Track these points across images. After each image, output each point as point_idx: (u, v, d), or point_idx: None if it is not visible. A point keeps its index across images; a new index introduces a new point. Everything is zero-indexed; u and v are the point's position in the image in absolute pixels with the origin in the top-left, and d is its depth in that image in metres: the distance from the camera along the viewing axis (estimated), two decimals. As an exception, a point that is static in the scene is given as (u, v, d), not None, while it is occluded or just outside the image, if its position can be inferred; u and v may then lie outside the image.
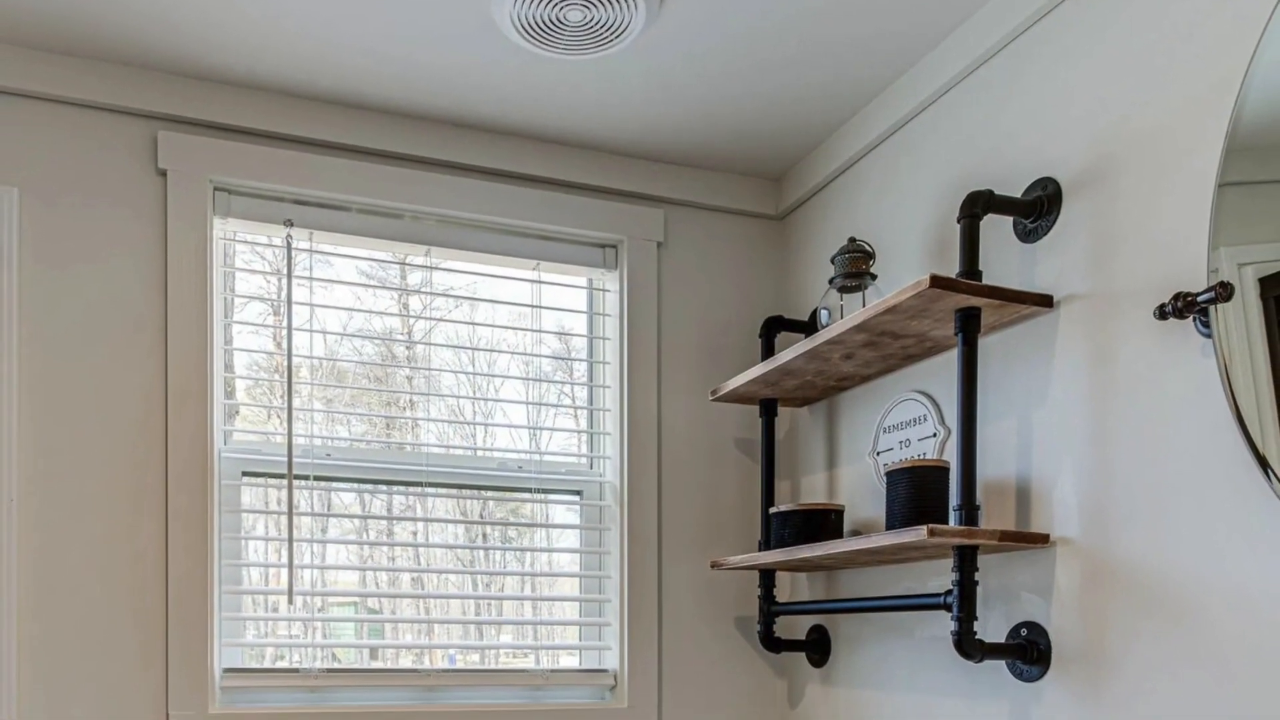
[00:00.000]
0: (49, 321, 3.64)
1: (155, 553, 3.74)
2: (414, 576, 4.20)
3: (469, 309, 4.28)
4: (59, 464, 3.64)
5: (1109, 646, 2.87)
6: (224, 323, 3.94)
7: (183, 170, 3.77)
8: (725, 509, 4.53)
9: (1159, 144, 2.76)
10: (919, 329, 3.34)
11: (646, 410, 4.38)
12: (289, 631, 4.03)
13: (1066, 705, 3.02)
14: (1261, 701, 2.44)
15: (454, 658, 4.27)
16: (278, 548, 3.98)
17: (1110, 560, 2.87)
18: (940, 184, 3.65)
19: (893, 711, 3.83)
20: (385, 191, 4.02)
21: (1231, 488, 2.51)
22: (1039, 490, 3.14)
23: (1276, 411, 2.32)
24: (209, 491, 3.80)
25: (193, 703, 3.74)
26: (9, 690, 3.52)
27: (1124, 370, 2.83)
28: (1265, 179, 2.35)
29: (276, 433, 3.99)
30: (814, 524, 3.78)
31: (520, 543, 4.34)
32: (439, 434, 4.22)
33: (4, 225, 3.56)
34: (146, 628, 3.72)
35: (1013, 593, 3.24)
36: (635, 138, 4.18)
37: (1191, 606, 2.62)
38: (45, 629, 3.61)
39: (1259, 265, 2.35)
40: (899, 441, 3.77)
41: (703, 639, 4.47)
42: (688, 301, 4.50)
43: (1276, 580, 2.41)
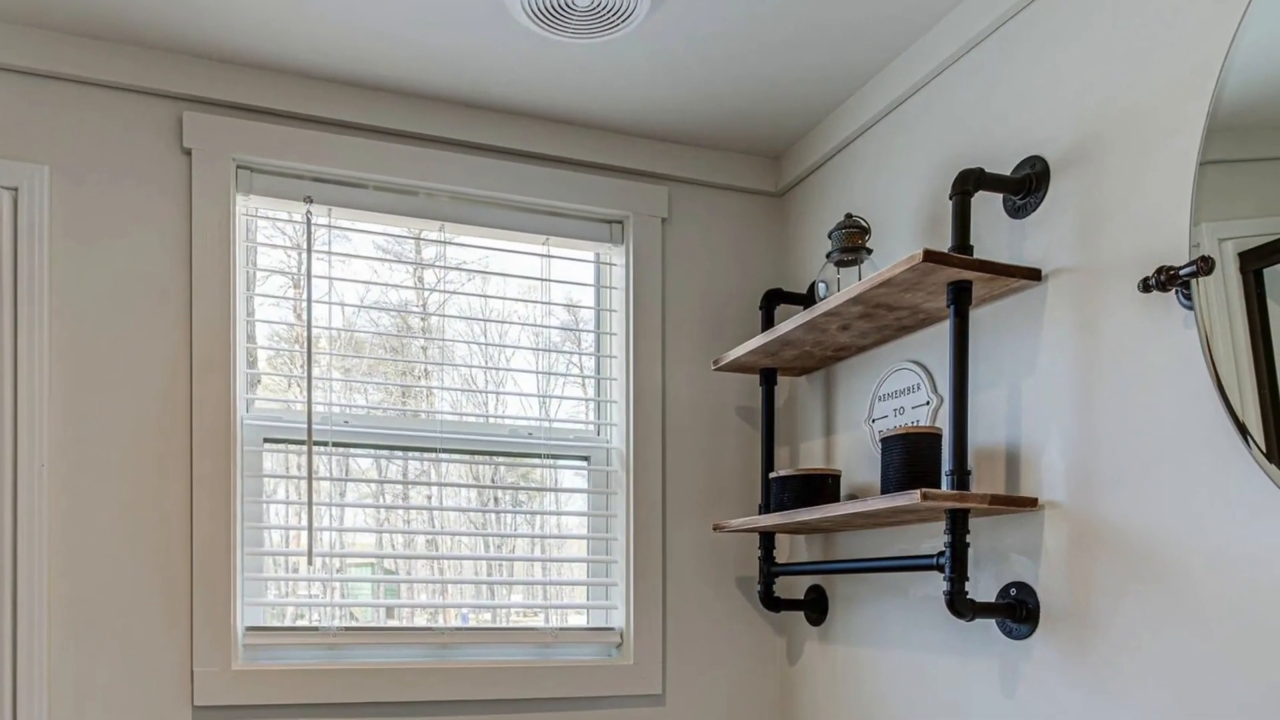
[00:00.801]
0: (78, 294, 3.65)
1: (180, 516, 3.75)
2: (428, 538, 4.21)
3: (481, 282, 4.28)
4: (88, 431, 3.65)
5: (1095, 605, 2.89)
6: (246, 295, 3.95)
7: (207, 149, 3.78)
8: (727, 474, 4.54)
9: (1143, 124, 2.76)
10: (913, 301, 3.35)
11: (651, 379, 4.39)
12: (309, 591, 4.04)
13: (1054, 662, 3.03)
14: (1239, 657, 2.45)
15: (466, 616, 4.28)
16: (298, 511, 3.98)
17: (1096, 523, 2.88)
18: (933, 162, 3.65)
19: (887, 668, 3.85)
20: (401, 169, 4.03)
21: (1212, 454, 2.52)
22: (1027, 456, 3.15)
23: (1255, 380, 2.32)
24: (232, 457, 3.81)
25: (216, 659, 3.76)
26: (40, 647, 3.54)
27: (1109, 341, 2.84)
28: (1245, 157, 2.35)
29: (297, 401, 4.00)
30: (812, 488, 3.79)
31: (530, 506, 4.35)
32: (452, 402, 4.22)
33: (35, 202, 3.56)
34: (172, 587, 3.74)
35: (1002, 554, 3.25)
36: (640, 118, 4.18)
37: (1173, 567, 2.63)
38: (75, 588, 3.63)
39: (1239, 240, 2.36)
40: (893, 409, 3.78)
41: (705, 599, 4.49)
42: (691, 275, 4.51)
43: (1254, 542, 2.42)
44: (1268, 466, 2.31)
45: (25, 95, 3.60)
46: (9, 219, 3.54)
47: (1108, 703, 2.84)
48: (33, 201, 3.56)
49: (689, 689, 4.44)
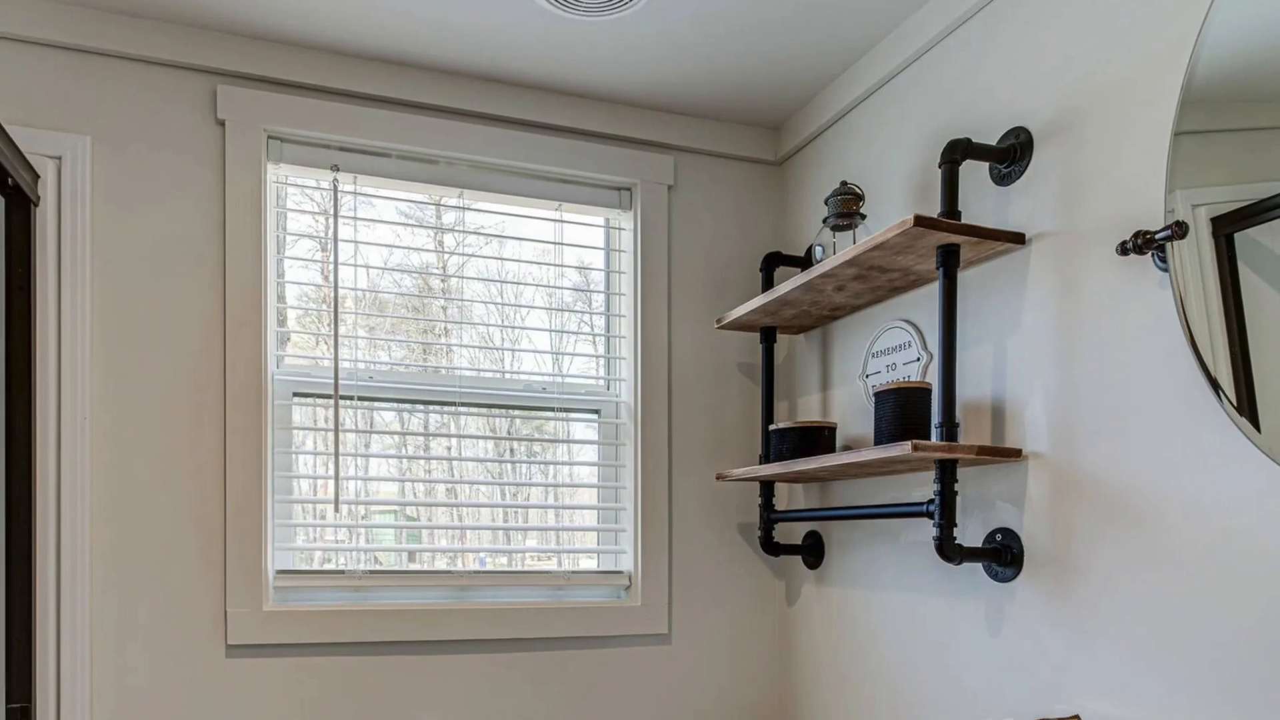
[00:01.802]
0: (118, 257, 3.67)
1: (215, 465, 3.78)
2: (448, 487, 4.22)
3: (498, 245, 4.28)
4: (128, 386, 3.68)
5: (1075, 550, 2.91)
6: (276, 258, 3.96)
7: (239, 120, 3.79)
8: (729, 426, 4.56)
9: (1121, 97, 2.77)
10: (904, 264, 3.37)
11: (658, 337, 4.40)
12: (335, 537, 4.06)
13: (1037, 603, 3.06)
14: (1211, 598, 2.48)
15: (484, 560, 4.29)
16: (325, 461, 4.00)
17: (1076, 472, 2.91)
18: (923, 133, 3.66)
19: (880, 609, 3.87)
20: (422, 139, 4.04)
21: (1186, 407, 2.55)
22: (1012, 409, 3.17)
23: (1226, 338, 2.34)
24: (263, 410, 3.83)
25: (248, 601, 3.80)
26: (83, 589, 3.57)
27: (1089, 301, 2.86)
28: (1217, 128, 2.36)
29: (324, 357, 4.01)
30: (809, 440, 3.81)
31: (544, 457, 4.36)
32: (470, 358, 4.23)
33: (78, 170, 3.58)
34: (207, 533, 3.77)
35: (989, 502, 3.27)
36: (648, 91, 4.19)
37: (1149, 514, 2.66)
38: (116, 534, 3.66)
39: (1211, 206, 2.37)
40: (886, 365, 3.79)
41: (709, 544, 4.52)
42: (695, 239, 4.52)
43: (1226, 490, 2.44)
44: (1238, 419, 2.33)
45: (68, 69, 3.62)
46: (53, 186, 3.56)
47: (1087, 641, 2.86)
48: (75, 170, 3.58)
49: (693, 628, 4.48)
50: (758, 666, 4.60)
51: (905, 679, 3.71)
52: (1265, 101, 2.25)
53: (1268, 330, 2.24)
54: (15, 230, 3.45)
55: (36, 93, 3.59)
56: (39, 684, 3.51)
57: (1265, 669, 2.35)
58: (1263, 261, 2.25)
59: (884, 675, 3.84)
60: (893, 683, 3.79)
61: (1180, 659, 2.57)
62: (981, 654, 3.31)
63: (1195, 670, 2.52)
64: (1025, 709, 3.11)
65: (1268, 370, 2.26)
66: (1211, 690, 2.48)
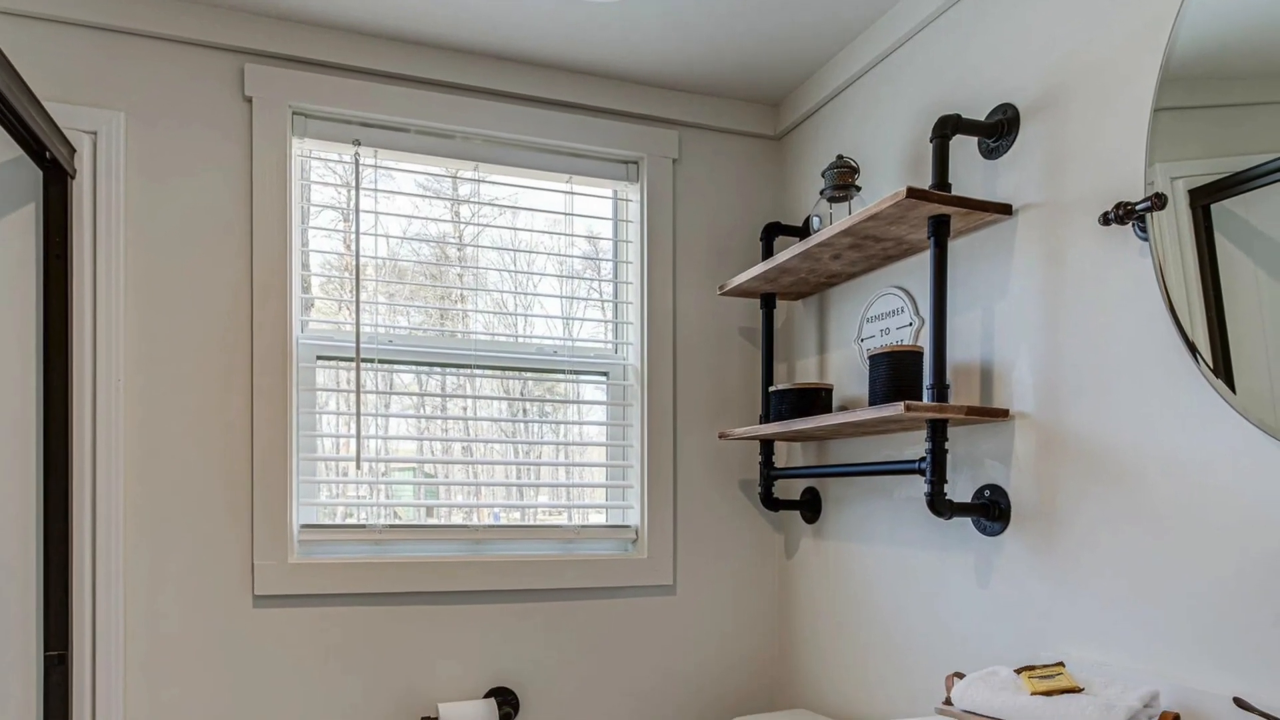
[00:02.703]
0: (150, 227, 3.69)
1: (242, 425, 3.81)
2: (464, 445, 4.23)
3: (511, 216, 4.29)
4: (160, 349, 3.70)
5: (1060, 505, 2.93)
6: (301, 228, 3.97)
7: (266, 97, 3.81)
8: (731, 388, 4.58)
9: (1103, 74, 2.78)
10: (897, 233, 3.38)
11: (663, 303, 4.42)
12: (356, 493, 4.07)
13: (1023, 556, 3.08)
14: (1188, 551, 2.51)
15: (498, 515, 4.31)
16: (347, 421, 4.01)
17: (1061, 431, 2.92)
18: (915, 109, 3.67)
19: (874, 561, 3.90)
20: (439, 115, 4.05)
21: (1164, 369, 2.56)
22: (1000, 371, 3.18)
23: (1203, 304, 2.35)
24: (288, 372, 3.86)
25: (274, 554, 3.83)
26: (116, 542, 3.60)
27: (1072, 269, 2.88)
28: (1194, 104, 2.37)
29: (346, 322, 4.02)
30: (807, 400, 3.83)
31: (555, 417, 4.37)
32: (485, 323, 4.24)
33: (112, 144, 3.59)
34: (235, 489, 3.80)
35: (977, 459, 3.29)
36: (653, 69, 4.19)
37: (1130, 471, 2.68)
38: (148, 490, 3.69)
39: (1189, 179, 2.38)
40: (880, 330, 3.80)
41: (711, 499, 4.54)
42: (699, 210, 4.53)
43: (1202, 449, 2.46)
44: (1214, 381, 2.35)
45: (103, 49, 3.63)
46: (89, 159, 3.57)
47: (1070, 592, 2.89)
48: (110, 144, 3.60)
49: (697, 580, 4.51)
50: (758, 616, 4.63)
51: (898, 627, 3.74)
52: (1239, 79, 2.26)
53: (1242, 296, 2.26)
54: (53, 202, 3.47)
55: (73, 71, 3.61)
56: (76, 632, 3.54)
57: (1239, 618, 2.37)
58: (1238, 231, 2.26)
59: (878, 624, 3.87)
60: (886, 631, 3.81)
61: (1158, 608, 2.59)
62: (970, 604, 3.34)
63: (1173, 619, 2.55)
64: (1012, 656, 3.14)
65: (1242, 334, 2.27)
66: (1188, 638, 2.50)
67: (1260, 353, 2.23)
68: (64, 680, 3.48)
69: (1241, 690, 2.36)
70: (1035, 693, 2.54)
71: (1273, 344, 2.19)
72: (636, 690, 4.41)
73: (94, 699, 3.57)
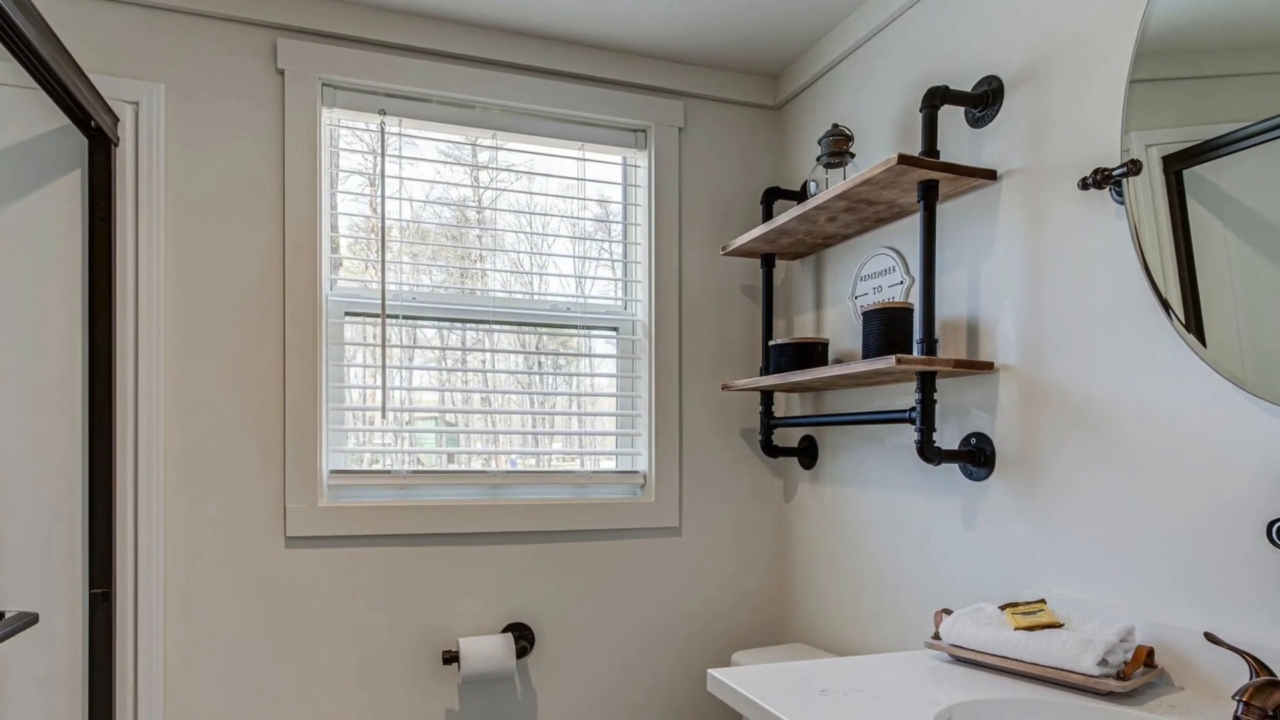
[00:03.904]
0: (189, 191, 3.71)
1: (275, 377, 3.83)
2: (483, 396, 4.24)
3: (527, 181, 4.30)
4: (197, 306, 3.72)
5: (1041, 452, 2.95)
6: (330, 192, 3.99)
7: (297, 70, 3.82)
8: (733, 342, 4.59)
9: (1082, 49, 2.80)
10: (889, 197, 3.39)
11: (670, 263, 4.43)
12: (382, 440, 4.09)
13: (1007, 499, 3.10)
14: (1161, 495, 2.53)
15: (515, 461, 4.33)
16: (373, 373, 4.03)
17: (1042, 383, 2.94)
18: (906, 81, 3.67)
19: (868, 505, 3.92)
20: (460, 86, 4.06)
21: (1139, 324, 2.58)
22: (985, 326, 3.20)
23: (1176, 263, 2.37)
24: (318, 328, 3.88)
25: (305, 497, 3.86)
26: (157, 487, 3.63)
27: (1053, 230, 2.89)
28: (1167, 76, 2.38)
29: (372, 281, 4.03)
30: (804, 354, 3.84)
31: (568, 369, 4.38)
32: (503, 282, 4.24)
33: (153, 114, 3.61)
34: (268, 437, 3.83)
35: (964, 409, 3.31)
36: (660, 43, 4.19)
37: (1107, 420, 2.70)
38: (187, 438, 3.72)
39: (1162, 146, 2.40)
40: (873, 288, 3.82)
41: (715, 447, 4.56)
42: (703, 175, 4.54)
43: (1175, 399, 2.48)
44: (1186, 335, 2.36)
45: (145, 24, 3.64)
46: (131, 128, 3.59)
47: (1051, 534, 2.91)
48: (151, 114, 3.61)
49: (701, 522, 4.54)
50: (759, 556, 4.66)
51: (890, 567, 3.76)
52: (1210, 53, 2.27)
53: (1213, 256, 2.27)
54: (98, 168, 3.49)
55: (117, 45, 3.62)
56: (119, 571, 3.57)
57: (1209, 558, 2.40)
58: (1208, 195, 2.27)
59: (871, 564, 3.90)
60: (879, 570, 3.84)
61: (1133, 549, 2.61)
62: (958, 545, 3.36)
63: (1147, 559, 2.57)
64: (997, 593, 3.16)
65: (1213, 292, 2.28)
66: (1163, 577, 2.53)
67: (1229, 309, 2.24)
68: (108, 616, 3.52)
69: (1211, 625, 2.39)
70: (1018, 628, 2.57)
71: (1241, 300, 2.20)
72: (644, 626, 4.45)
73: (136, 634, 3.61)
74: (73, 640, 3.52)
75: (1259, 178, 2.16)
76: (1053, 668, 2.41)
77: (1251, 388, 2.22)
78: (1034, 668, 2.45)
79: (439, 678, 4.10)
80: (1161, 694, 2.36)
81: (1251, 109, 2.18)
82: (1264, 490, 2.27)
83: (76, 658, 3.54)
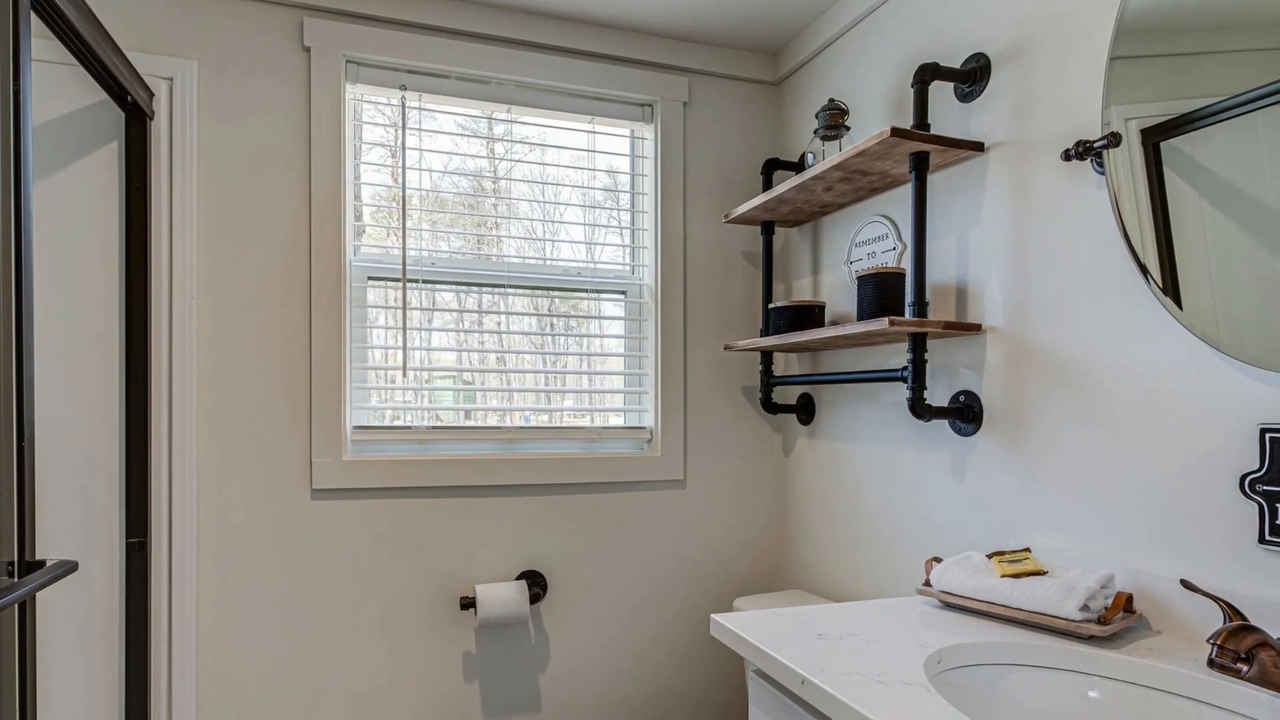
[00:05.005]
0: (220, 163, 3.73)
1: (301, 338, 3.86)
2: (498, 356, 4.25)
3: (540, 153, 4.30)
4: (228, 271, 3.74)
5: (1026, 409, 2.97)
6: (353, 164, 3.99)
7: (322, 47, 3.83)
8: (734, 305, 4.60)
9: (1065, 27, 2.81)
10: (882, 168, 3.41)
11: (675, 230, 4.45)
12: (403, 398, 4.10)
13: (994, 453, 3.12)
14: (1140, 450, 2.56)
15: (528, 418, 4.34)
16: (394, 334, 4.04)
17: (1027, 344, 2.96)
18: (898, 58, 3.68)
19: (862, 459, 3.94)
20: (477, 63, 4.07)
21: (1119, 288, 2.60)
22: (973, 290, 3.21)
23: (1154, 230, 2.39)
24: (342, 291, 3.90)
25: (330, 452, 3.89)
26: (190, 442, 3.66)
27: (1038, 199, 2.91)
28: (1145, 54, 2.39)
29: (393, 247, 4.05)
30: (802, 316, 3.86)
31: (579, 331, 4.39)
32: (517, 248, 4.25)
33: (186, 89, 3.63)
34: (295, 395, 3.85)
35: (953, 369, 3.32)
36: (666, 22, 4.19)
37: (1089, 379, 2.72)
38: (218, 396, 3.75)
39: (1141, 119, 2.41)
40: (867, 254, 3.83)
41: (717, 404, 4.58)
42: (706, 147, 4.55)
43: (1153, 359, 2.50)
44: (1163, 299, 2.38)
45: (179, 4, 3.66)
46: (165, 103, 3.61)
47: (1036, 486, 2.93)
48: (184, 89, 3.63)
49: (705, 475, 4.56)
50: (759, 507, 4.69)
51: (883, 517, 3.78)
52: (1186, 31, 2.28)
53: (1188, 223, 2.29)
54: (134, 141, 3.51)
55: (152, 24, 3.64)
56: (154, 522, 3.61)
57: (1185, 510, 2.42)
58: (1184, 166, 2.29)
59: (865, 514, 3.92)
60: (873, 521, 3.86)
61: (1114, 501, 2.63)
62: (947, 497, 3.38)
63: (1126, 510, 2.59)
64: (984, 543, 3.18)
65: (1188, 257, 2.30)
66: (1141, 527, 2.54)
67: (1204, 274, 2.26)
68: (143, 564, 3.56)
69: (1187, 573, 2.41)
70: (1005, 575, 2.59)
71: (1215, 265, 2.22)
72: (651, 573, 4.48)
73: (170, 581, 3.64)
74: (110, 587, 3.56)
75: (1231, 150, 2.18)
76: (1037, 613, 2.44)
77: (1225, 348, 2.24)
78: (1019, 613, 2.48)
79: (457, 622, 4.14)
80: (1140, 638, 2.38)
81: (1225, 84, 2.19)
82: (1237, 445, 2.29)
83: (114, 603, 3.57)
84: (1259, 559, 2.25)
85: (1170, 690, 2.13)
